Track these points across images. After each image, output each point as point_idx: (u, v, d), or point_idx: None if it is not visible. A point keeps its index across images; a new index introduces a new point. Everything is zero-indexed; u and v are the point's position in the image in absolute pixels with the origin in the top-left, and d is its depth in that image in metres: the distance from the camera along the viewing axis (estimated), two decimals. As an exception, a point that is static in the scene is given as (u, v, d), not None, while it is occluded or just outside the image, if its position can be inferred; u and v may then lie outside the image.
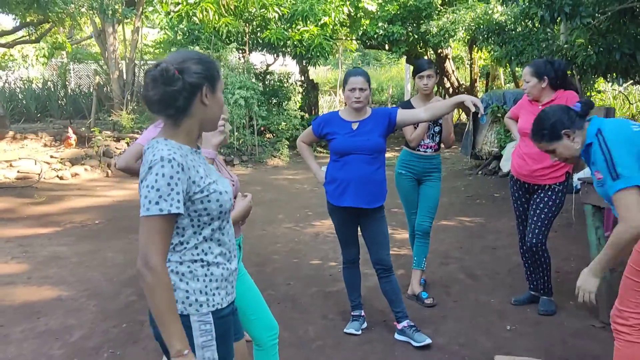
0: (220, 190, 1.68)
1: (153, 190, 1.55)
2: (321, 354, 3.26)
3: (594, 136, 2.32)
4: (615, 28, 5.28)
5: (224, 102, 1.85)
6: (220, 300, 1.70)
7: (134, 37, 13.00)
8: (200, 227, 1.67)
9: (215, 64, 1.70)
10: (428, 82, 3.87)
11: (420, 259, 4.08)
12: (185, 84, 1.60)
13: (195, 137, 1.71)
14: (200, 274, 1.67)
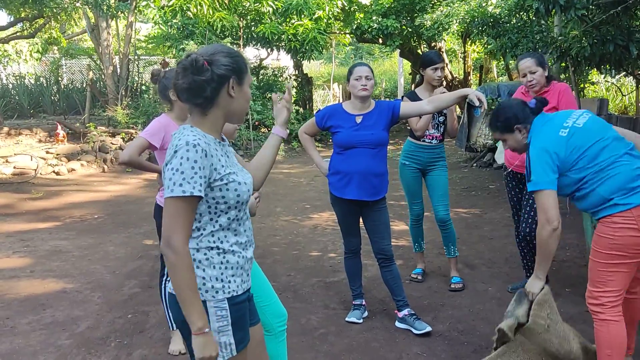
0: (239, 181, 1.74)
1: (177, 173, 1.61)
2: (324, 341, 3.33)
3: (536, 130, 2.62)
4: (609, 20, 5.35)
5: None
6: (236, 287, 1.76)
7: (127, 32, 12.97)
8: (217, 214, 1.72)
9: (244, 59, 1.77)
10: (441, 74, 3.97)
11: (448, 248, 4.17)
12: (213, 74, 1.68)
13: (220, 128, 1.78)
14: (216, 262, 1.73)
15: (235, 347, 1.74)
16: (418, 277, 4.28)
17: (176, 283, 1.62)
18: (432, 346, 3.22)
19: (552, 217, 2.48)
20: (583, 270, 4.19)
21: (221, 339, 1.71)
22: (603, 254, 2.49)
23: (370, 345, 3.27)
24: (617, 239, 2.44)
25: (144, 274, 4.51)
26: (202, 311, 1.64)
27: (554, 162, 2.50)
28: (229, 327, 1.73)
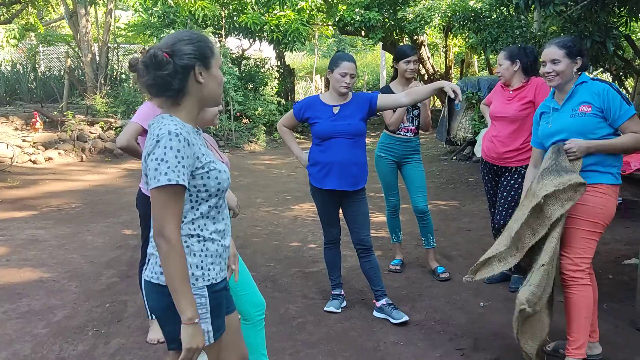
0: (220, 169, 1.76)
1: (163, 163, 1.61)
2: (302, 330, 3.36)
3: (589, 79, 2.76)
4: (587, 16, 5.44)
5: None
6: (215, 275, 1.77)
7: (106, 19, 12.76)
8: (198, 202, 1.73)
9: (207, 42, 1.74)
10: (414, 67, 3.98)
11: (427, 239, 4.22)
12: (176, 66, 1.67)
13: (196, 116, 1.78)
14: (196, 249, 1.74)
15: (213, 334, 1.75)
16: (397, 267, 4.33)
17: (168, 273, 1.62)
18: (409, 335, 3.27)
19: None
20: (557, 261, 4.28)
21: (200, 326, 1.72)
22: (589, 222, 2.66)
23: (348, 334, 3.31)
24: (606, 210, 2.66)
25: (122, 264, 4.48)
26: (193, 301, 1.65)
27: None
28: (207, 314, 1.73)
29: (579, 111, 2.71)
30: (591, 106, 2.68)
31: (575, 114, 2.72)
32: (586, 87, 2.72)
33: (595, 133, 2.68)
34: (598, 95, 2.66)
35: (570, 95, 2.77)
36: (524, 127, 3.70)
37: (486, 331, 3.30)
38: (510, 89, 3.78)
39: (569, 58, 2.73)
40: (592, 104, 2.68)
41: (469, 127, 9.29)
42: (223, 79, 1.81)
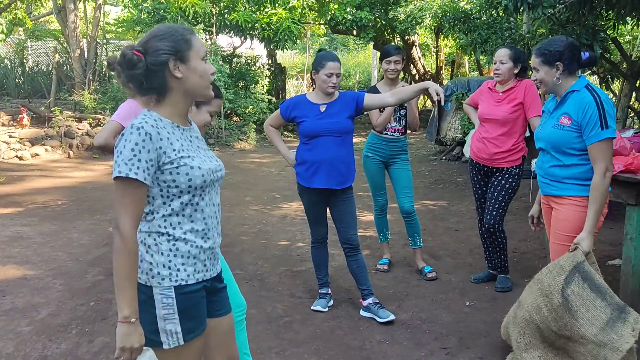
0: (192, 165, 1.70)
1: (120, 155, 1.61)
2: (289, 329, 3.35)
3: (583, 88, 2.61)
4: (575, 19, 5.49)
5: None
6: (186, 277, 1.72)
7: (95, 15, 12.67)
8: (169, 198, 1.70)
9: (184, 35, 1.70)
10: (395, 67, 3.97)
11: (414, 239, 4.23)
12: (147, 64, 1.65)
13: (182, 111, 1.76)
14: (164, 248, 1.70)
15: (183, 335, 1.71)
16: (384, 267, 4.34)
17: (115, 267, 1.60)
18: (394, 334, 3.28)
19: (612, 164, 2.57)
20: (543, 261, 4.32)
21: (167, 326, 1.69)
22: (569, 237, 2.63)
23: (335, 333, 3.31)
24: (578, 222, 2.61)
25: (108, 262, 4.45)
26: (132, 301, 1.61)
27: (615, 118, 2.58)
28: (175, 315, 1.69)
29: (559, 122, 2.64)
30: (571, 119, 2.59)
31: (556, 124, 2.66)
32: (574, 97, 2.61)
33: (572, 147, 2.60)
34: (579, 109, 2.56)
35: (559, 102, 2.70)
36: (514, 128, 3.72)
37: (471, 330, 3.31)
38: (500, 90, 3.79)
39: (547, 65, 2.65)
40: (571, 117, 2.59)
41: (459, 128, 9.33)
42: (210, 71, 1.76)
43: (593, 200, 2.53)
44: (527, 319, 2.67)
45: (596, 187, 2.52)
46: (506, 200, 3.77)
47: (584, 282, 2.49)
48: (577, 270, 2.51)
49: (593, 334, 2.43)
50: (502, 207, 3.77)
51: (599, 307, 2.46)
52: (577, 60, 2.66)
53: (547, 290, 2.58)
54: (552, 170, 2.71)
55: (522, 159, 3.78)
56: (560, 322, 2.53)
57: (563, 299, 2.51)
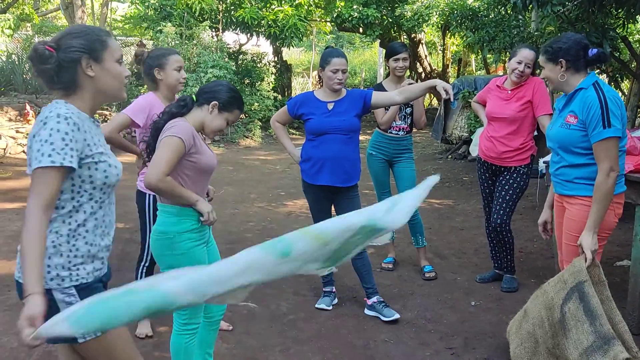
0: (111, 163, 1.73)
1: (46, 144, 1.59)
2: (293, 327, 3.34)
3: (590, 85, 2.55)
4: (584, 17, 5.44)
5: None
6: (86, 275, 1.73)
7: (102, 11, 12.71)
8: (79, 194, 1.70)
9: (99, 36, 1.72)
10: (403, 65, 3.95)
11: (416, 238, 4.21)
12: (59, 60, 1.66)
13: (92, 107, 1.76)
14: (63, 249, 1.69)
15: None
16: (389, 265, 4.31)
17: (23, 246, 1.58)
18: (399, 333, 3.26)
19: (617, 164, 2.50)
20: (549, 261, 4.29)
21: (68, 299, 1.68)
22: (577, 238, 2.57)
23: (339, 331, 3.30)
24: (604, 223, 2.56)
25: (113, 257, 4.44)
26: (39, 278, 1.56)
27: (621, 117, 2.53)
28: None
29: (565, 121, 2.61)
30: (577, 118, 2.55)
31: (563, 124, 2.62)
32: (581, 95, 2.57)
33: (580, 146, 2.57)
34: (584, 107, 2.52)
35: (567, 101, 2.66)
36: (523, 126, 3.68)
37: (477, 330, 3.29)
38: (509, 88, 3.75)
39: (550, 62, 2.62)
40: (577, 116, 2.55)
41: (465, 126, 9.28)
42: (125, 73, 1.78)
43: (595, 199, 2.50)
44: (530, 331, 2.65)
45: (599, 186, 2.49)
46: (514, 199, 3.74)
47: (580, 303, 2.42)
48: (577, 289, 2.45)
49: (573, 358, 2.38)
50: (510, 206, 3.74)
51: (585, 332, 2.38)
52: (584, 57, 2.60)
53: (550, 303, 2.56)
54: (563, 170, 2.67)
55: (531, 158, 3.75)
56: (555, 339, 2.51)
57: (561, 315, 2.48)
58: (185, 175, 2.29)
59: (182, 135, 2.23)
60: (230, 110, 2.40)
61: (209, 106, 2.36)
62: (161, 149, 2.23)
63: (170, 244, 2.29)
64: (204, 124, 2.38)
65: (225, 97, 2.37)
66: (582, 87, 2.59)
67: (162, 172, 2.17)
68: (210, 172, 2.41)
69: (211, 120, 2.37)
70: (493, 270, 4.06)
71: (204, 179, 2.38)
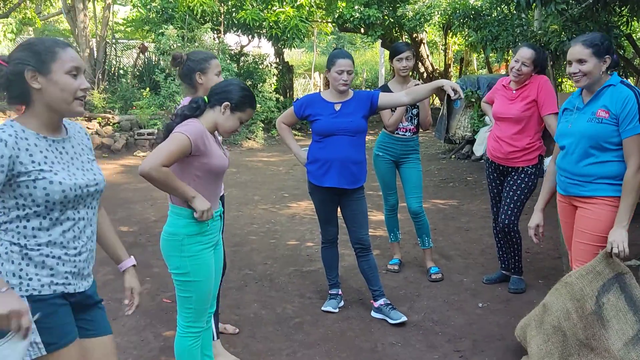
0: (53, 180, 1.66)
1: None
2: (299, 330, 3.32)
3: (619, 83, 2.60)
4: (588, 15, 5.40)
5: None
6: (39, 287, 1.68)
7: (105, 14, 12.70)
8: (24, 211, 1.67)
9: (49, 47, 1.68)
10: (407, 64, 3.92)
11: (422, 239, 4.19)
12: (6, 73, 1.65)
13: (49, 122, 1.72)
14: (15, 257, 1.67)
15: (45, 347, 1.66)
16: (395, 267, 4.29)
17: None
18: (406, 336, 3.23)
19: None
20: (556, 262, 4.26)
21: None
22: (602, 237, 2.57)
23: (346, 334, 3.27)
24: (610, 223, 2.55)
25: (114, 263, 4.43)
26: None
27: None
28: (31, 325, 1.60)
29: (596, 116, 2.59)
30: (609, 112, 2.55)
31: (593, 118, 2.60)
32: (611, 91, 2.57)
33: (610, 141, 2.56)
34: (618, 102, 2.53)
35: (594, 97, 2.64)
36: (528, 126, 3.65)
37: (485, 332, 3.26)
38: (514, 88, 3.73)
39: (596, 57, 2.58)
40: (609, 110, 2.55)
41: (468, 126, 9.25)
42: (81, 86, 1.72)
43: (625, 195, 2.51)
44: (555, 325, 2.60)
45: (627, 181, 2.50)
46: (522, 200, 3.71)
47: (621, 293, 2.43)
48: (617, 280, 2.45)
49: (617, 348, 2.37)
50: (518, 206, 3.72)
51: (629, 321, 2.39)
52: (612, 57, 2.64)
53: (580, 294, 2.52)
54: (585, 170, 2.63)
55: (539, 158, 3.72)
56: (588, 331, 2.47)
57: (597, 306, 2.45)
58: (196, 177, 2.29)
59: (190, 134, 2.21)
60: (243, 109, 2.38)
61: (221, 107, 2.34)
62: (167, 141, 2.23)
63: (179, 246, 2.28)
64: (218, 124, 2.37)
65: (237, 96, 2.35)
66: (611, 83, 2.60)
67: (159, 162, 2.14)
68: (221, 174, 2.40)
69: (224, 120, 2.36)
70: (500, 271, 4.04)
71: (215, 180, 2.36)
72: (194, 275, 2.31)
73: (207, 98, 2.39)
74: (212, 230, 2.36)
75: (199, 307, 2.37)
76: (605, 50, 2.60)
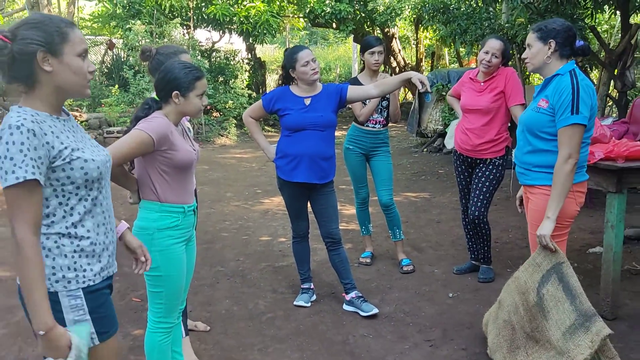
0: (86, 158, 1.61)
1: (7, 160, 1.48)
2: (271, 325, 3.31)
3: (567, 72, 2.56)
4: (553, 8, 5.50)
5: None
6: (93, 277, 1.66)
7: (69, 10, 12.43)
8: (65, 197, 1.60)
9: (59, 27, 1.57)
10: (378, 59, 3.93)
11: (394, 232, 4.21)
12: (13, 52, 1.52)
13: (56, 102, 1.62)
14: (68, 250, 1.62)
15: (98, 337, 1.66)
16: (367, 260, 4.31)
17: (21, 277, 1.50)
18: (378, 327, 3.25)
19: (577, 152, 2.51)
20: (524, 251, 4.33)
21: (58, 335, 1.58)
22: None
23: (318, 328, 3.27)
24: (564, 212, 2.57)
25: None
26: (45, 311, 1.50)
27: (591, 107, 2.53)
28: (86, 316, 1.63)
29: (537, 105, 2.62)
30: (548, 102, 2.56)
31: (535, 107, 2.63)
32: (556, 81, 2.57)
33: (545, 131, 2.58)
34: (556, 92, 2.53)
35: (543, 86, 2.66)
36: (497, 117, 3.70)
37: (455, 321, 3.30)
38: (481, 80, 3.77)
39: (540, 41, 2.60)
40: (549, 101, 2.55)
41: (439, 119, 9.34)
42: (89, 68, 1.64)
43: (553, 185, 2.52)
44: (505, 319, 2.66)
45: (556, 171, 2.51)
46: (490, 191, 3.76)
47: (559, 283, 2.46)
48: (555, 271, 2.48)
49: (556, 338, 2.41)
50: (487, 198, 3.77)
51: (566, 311, 2.42)
52: (570, 45, 2.61)
53: (524, 287, 2.57)
54: (525, 158, 2.69)
55: (506, 149, 3.77)
56: (533, 323, 2.53)
57: (538, 298, 2.49)
58: (162, 172, 2.25)
59: (151, 131, 2.17)
60: (193, 87, 2.28)
61: (173, 99, 2.29)
62: (126, 138, 2.17)
63: (149, 240, 2.24)
64: (182, 113, 2.32)
65: (180, 81, 2.26)
66: (558, 73, 2.60)
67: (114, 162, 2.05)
68: (189, 168, 2.34)
69: (184, 107, 2.30)
70: (470, 262, 4.09)
71: (183, 174, 2.32)
72: (164, 270, 2.27)
73: (156, 96, 2.35)
74: (183, 225, 2.32)
75: (169, 302, 2.34)
76: (549, 34, 2.58)
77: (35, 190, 1.51)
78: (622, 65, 6.16)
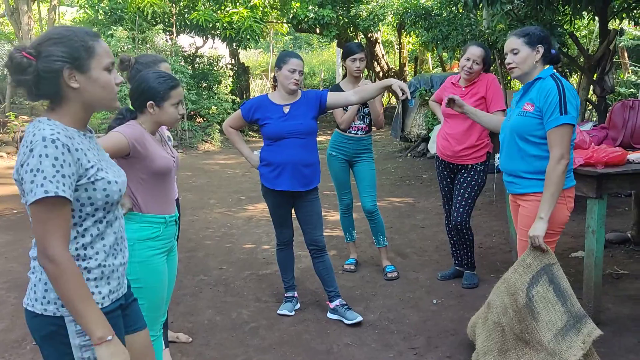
0: (110, 180, 1.56)
1: (39, 173, 1.41)
2: (255, 335, 3.27)
3: (548, 76, 2.60)
4: (533, 14, 5.56)
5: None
6: (101, 300, 1.59)
7: (50, 16, 12.29)
8: (82, 217, 1.54)
9: (84, 41, 1.51)
10: (360, 65, 3.93)
11: (378, 238, 4.20)
12: (38, 70, 1.46)
13: (83, 118, 1.57)
14: None
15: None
16: (351, 267, 4.29)
17: (63, 295, 1.45)
18: (362, 336, 3.23)
19: (568, 152, 2.52)
20: (507, 255, 4.35)
21: (84, 354, 1.54)
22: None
23: (302, 337, 3.24)
24: (555, 218, 2.57)
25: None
26: (100, 319, 1.48)
27: (576, 108, 2.55)
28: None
29: (522, 109, 2.63)
30: (533, 106, 2.56)
31: (520, 112, 2.64)
32: (539, 84, 2.59)
33: (534, 135, 2.59)
34: (541, 95, 2.54)
35: (525, 90, 2.67)
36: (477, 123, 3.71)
37: (439, 328, 3.29)
38: (463, 85, 3.79)
39: (528, 46, 2.60)
40: (534, 104, 2.56)
41: (423, 124, 9.39)
42: (116, 81, 1.58)
43: (545, 186, 2.52)
44: (495, 321, 2.65)
45: (548, 172, 2.51)
46: (473, 197, 3.77)
47: (549, 285, 2.47)
48: (545, 272, 2.49)
49: (547, 340, 2.42)
50: (469, 204, 3.78)
51: (557, 312, 2.44)
52: (549, 51, 2.64)
53: (513, 289, 2.57)
54: (514, 165, 2.69)
55: (487, 155, 3.79)
56: (522, 324, 2.52)
57: (527, 299, 2.50)
58: (141, 180, 2.22)
59: (127, 134, 2.15)
60: (168, 96, 2.26)
61: (148, 108, 2.26)
62: (100, 140, 2.12)
63: (130, 251, 2.19)
64: (158, 123, 2.29)
65: (155, 91, 2.23)
66: (540, 77, 2.61)
67: None
68: (167, 175, 2.31)
69: (160, 117, 2.28)
70: (454, 267, 4.09)
71: (162, 182, 2.28)
72: (145, 281, 2.23)
73: (131, 106, 2.32)
74: (164, 236, 2.29)
75: (150, 314, 2.29)
76: (537, 40, 2.61)
77: (65, 207, 1.45)
78: (601, 70, 6.24)
